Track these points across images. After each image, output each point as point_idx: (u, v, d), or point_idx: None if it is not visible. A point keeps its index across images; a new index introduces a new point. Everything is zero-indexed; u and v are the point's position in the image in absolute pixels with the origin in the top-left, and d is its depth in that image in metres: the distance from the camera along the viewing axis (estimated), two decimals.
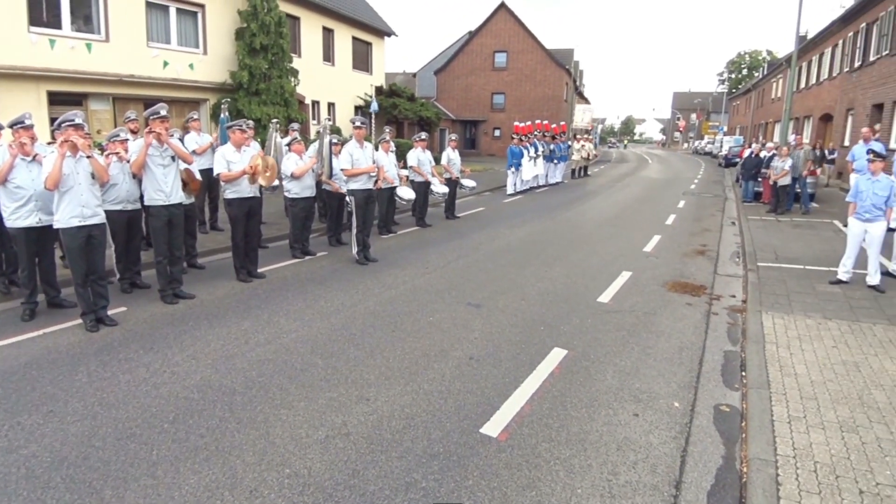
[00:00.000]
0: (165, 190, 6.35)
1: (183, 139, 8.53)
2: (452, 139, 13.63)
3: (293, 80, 18.95)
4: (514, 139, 19.08)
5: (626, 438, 3.89)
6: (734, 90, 67.27)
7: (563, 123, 28.41)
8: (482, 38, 42.83)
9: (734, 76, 74.61)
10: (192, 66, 16.75)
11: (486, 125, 43.31)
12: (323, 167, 9.27)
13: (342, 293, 7.05)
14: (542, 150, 20.29)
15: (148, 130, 6.22)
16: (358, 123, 8.54)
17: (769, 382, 4.63)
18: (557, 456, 3.65)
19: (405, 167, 12.00)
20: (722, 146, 40.55)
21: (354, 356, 5.12)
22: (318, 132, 10.38)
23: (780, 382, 4.62)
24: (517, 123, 21.03)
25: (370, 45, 27.02)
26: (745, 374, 4.95)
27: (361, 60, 26.51)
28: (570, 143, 27.23)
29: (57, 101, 13.38)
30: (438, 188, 12.58)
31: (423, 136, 12.17)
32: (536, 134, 20.87)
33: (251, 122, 8.44)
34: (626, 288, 7.64)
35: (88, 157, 5.54)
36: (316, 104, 23.12)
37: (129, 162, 6.31)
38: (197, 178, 7.43)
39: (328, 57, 23.89)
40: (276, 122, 10.72)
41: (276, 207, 11.94)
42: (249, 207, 7.41)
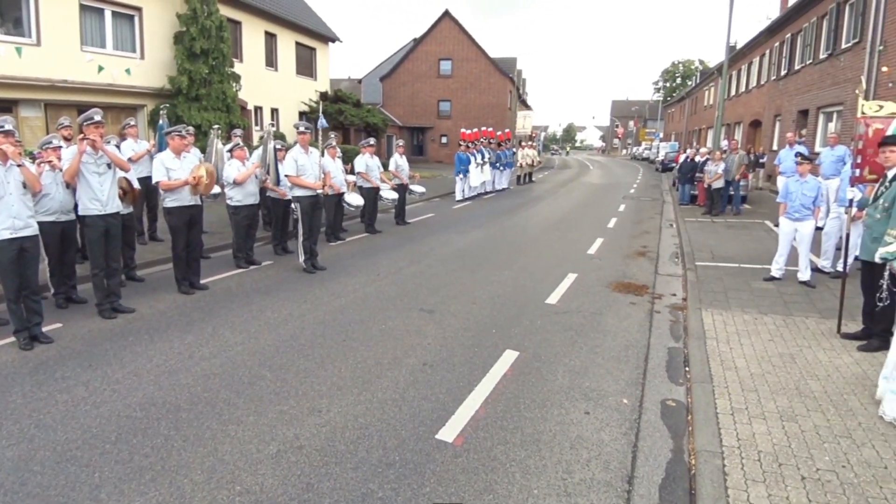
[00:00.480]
0: (101, 199, 6.07)
1: (119, 146, 8.18)
2: (399, 145, 13.61)
3: (235, 85, 18.62)
4: (461, 146, 19.24)
5: (578, 437, 3.95)
6: (669, 98, 70.14)
7: (507, 131, 28.87)
8: (427, 45, 43.05)
9: (669, 85, 77.73)
10: (128, 70, 16.20)
11: (433, 132, 43.49)
12: (268, 174, 9.05)
13: (289, 303, 6.89)
14: (488, 156, 20.56)
15: (82, 137, 5.92)
16: (302, 129, 8.41)
17: (712, 376, 4.81)
18: (513, 458, 3.66)
19: (352, 173, 11.88)
20: (658, 152, 42.29)
21: (304, 367, 4.99)
22: (261, 138, 10.15)
23: (721, 376, 4.81)
24: (464, 130, 21.24)
25: (314, 50, 26.72)
26: (688, 369, 5.13)
27: (305, 66, 26.18)
28: (515, 150, 27.67)
29: None
30: (388, 194, 12.51)
31: (371, 141, 12.09)
32: (483, 141, 21.13)
33: (191, 128, 8.16)
34: (572, 289, 7.80)
35: (19, 165, 5.23)
36: (259, 110, 22.69)
37: (62, 170, 5.99)
38: (135, 186, 7.13)
39: (271, 62, 23.50)
40: (217, 128, 10.42)
41: (218, 216, 11.56)
42: (190, 216, 7.16)
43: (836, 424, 3.99)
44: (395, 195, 12.71)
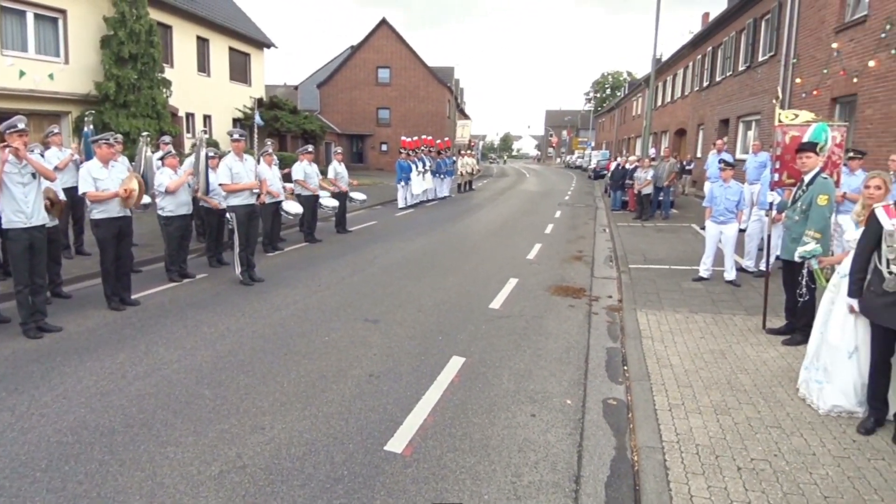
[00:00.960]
0: (26, 211, 5.70)
1: (44, 155, 7.70)
2: (338, 152, 13.45)
3: (165, 91, 17.96)
4: (402, 154, 19.23)
5: (525, 439, 4.01)
6: (600, 108, 72.69)
7: (447, 139, 29.10)
8: (365, 52, 42.87)
9: (599, 95, 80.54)
10: (51, 76, 15.37)
11: (372, 139, 43.27)
12: (199, 182, 8.72)
13: (227, 317, 6.65)
14: (429, 164, 20.66)
15: (3, 146, 5.55)
16: (236, 136, 8.18)
17: (649, 374, 5.00)
18: (462, 465, 3.67)
19: (289, 180, 11.63)
20: (591, 160, 43.78)
21: (245, 384, 4.83)
22: (193, 145, 9.79)
23: (658, 374, 5.01)
24: (404, 138, 21.26)
25: (248, 56, 26.10)
26: (626, 368, 5.31)
27: (239, 72, 25.53)
28: (455, 158, 27.94)
29: None
30: (327, 202, 12.32)
31: (309, 148, 11.90)
32: (423, 149, 21.22)
33: (119, 135, 7.77)
34: (514, 294, 7.93)
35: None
36: (190, 117, 21.93)
37: None
38: (61, 197, 6.73)
39: (203, 68, 22.79)
40: (146, 135, 9.96)
41: (148, 227, 11.02)
42: (119, 228, 6.80)
43: (766, 415, 4.22)
44: (335, 203, 12.54)
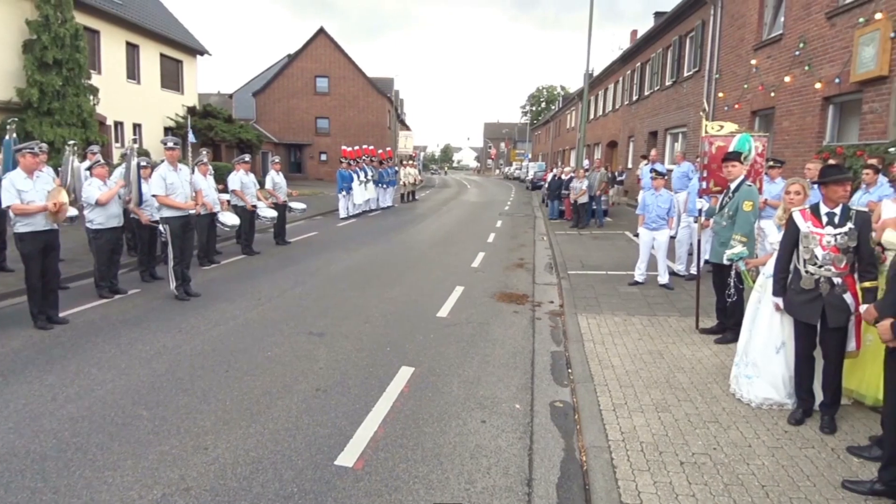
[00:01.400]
0: None
1: None
2: (276, 161, 13.18)
3: (92, 98, 17.14)
4: (342, 163, 19.04)
5: (477, 446, 4.04)
6: (536, 121, 74.60)
7: (389, 149, 29.08)
8: (302, 61, 42.32)
9: (535, 108, 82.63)
10: None
11: (311, 149, 42.65)
12: (131, 193, 8.34)
13: (162, 334, 6.36)
14: (371, 174, 20.56)
15: None
16: (171, 144, 7.88)
17: (592, 376, 5.16)
18: (415, 475, 3.66)
19: (225, 191, 11.28)
20: (528, 171, 44.80)
21: (185, 403, 4.63)
22: (123, 155, 9.37)
23: (601, 375, 5.18)
24: (345, 148, 21.10)
25: (181, 63, 25.25)
26: (571, 370, 5.46)
27: (171, 79, 24.65)
28: (397, 168, 27.94)
29: None
30: (265, 212, 12.02)
31: (246, 157, 11.60)
32: (365, 159, 21.11)
33: (44, 145, 7.32)
34: (460, 302, 8.00)
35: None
36: (119, 125, 21.00)
37: None
38: None
39: (133, 74, 21.88)
40: (72, 143, 9.45)
41: (76, 240, 10.40)
42: (45, 242, 6.39)
43: (703, 411, 4.44)
44: (273, 213, 12.24)
